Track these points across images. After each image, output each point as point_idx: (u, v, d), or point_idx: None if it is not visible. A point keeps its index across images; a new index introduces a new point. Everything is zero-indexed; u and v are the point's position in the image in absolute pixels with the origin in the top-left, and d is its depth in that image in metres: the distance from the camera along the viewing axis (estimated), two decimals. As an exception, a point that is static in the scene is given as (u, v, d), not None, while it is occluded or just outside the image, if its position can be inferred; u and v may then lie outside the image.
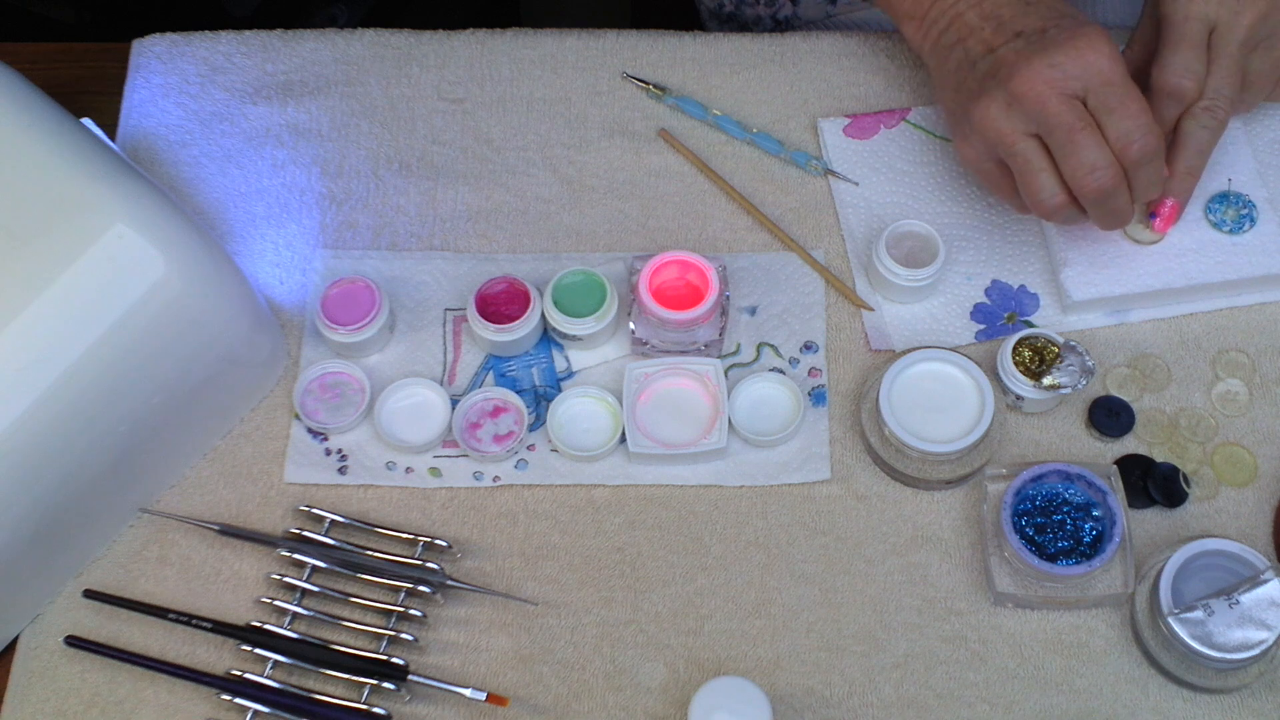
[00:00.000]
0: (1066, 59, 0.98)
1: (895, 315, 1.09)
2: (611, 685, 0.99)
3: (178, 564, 1.03)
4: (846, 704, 0.98)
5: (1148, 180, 1.01)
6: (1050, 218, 1.03)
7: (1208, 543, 0.95)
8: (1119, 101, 0.98)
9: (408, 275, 1.11)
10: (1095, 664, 0.99)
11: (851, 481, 1.04)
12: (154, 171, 1.14)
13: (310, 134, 1.16)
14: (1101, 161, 0.98)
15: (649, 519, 1.04)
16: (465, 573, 1.02)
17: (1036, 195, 1.01)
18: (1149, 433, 1.05)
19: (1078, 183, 0.99)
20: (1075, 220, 1.03)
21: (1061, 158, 0.99)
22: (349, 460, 1.06)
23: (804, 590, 1.01)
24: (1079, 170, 0.99)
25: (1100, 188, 0.99)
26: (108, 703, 0.99)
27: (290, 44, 1.20)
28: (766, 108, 1.17)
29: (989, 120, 1.00)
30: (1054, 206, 1.01)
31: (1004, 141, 1.00)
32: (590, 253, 1.12)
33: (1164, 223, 1.07)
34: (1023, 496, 0.99)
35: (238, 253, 1.12)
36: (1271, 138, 1.13)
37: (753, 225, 1.13)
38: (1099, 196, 1.00)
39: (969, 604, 1.01)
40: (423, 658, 1.00)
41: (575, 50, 1.20)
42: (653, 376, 1.05)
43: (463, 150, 1.16)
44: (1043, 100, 0.98)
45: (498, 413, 1.06)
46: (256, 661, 0.99)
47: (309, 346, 1.09)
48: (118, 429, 0.96)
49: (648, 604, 1.01)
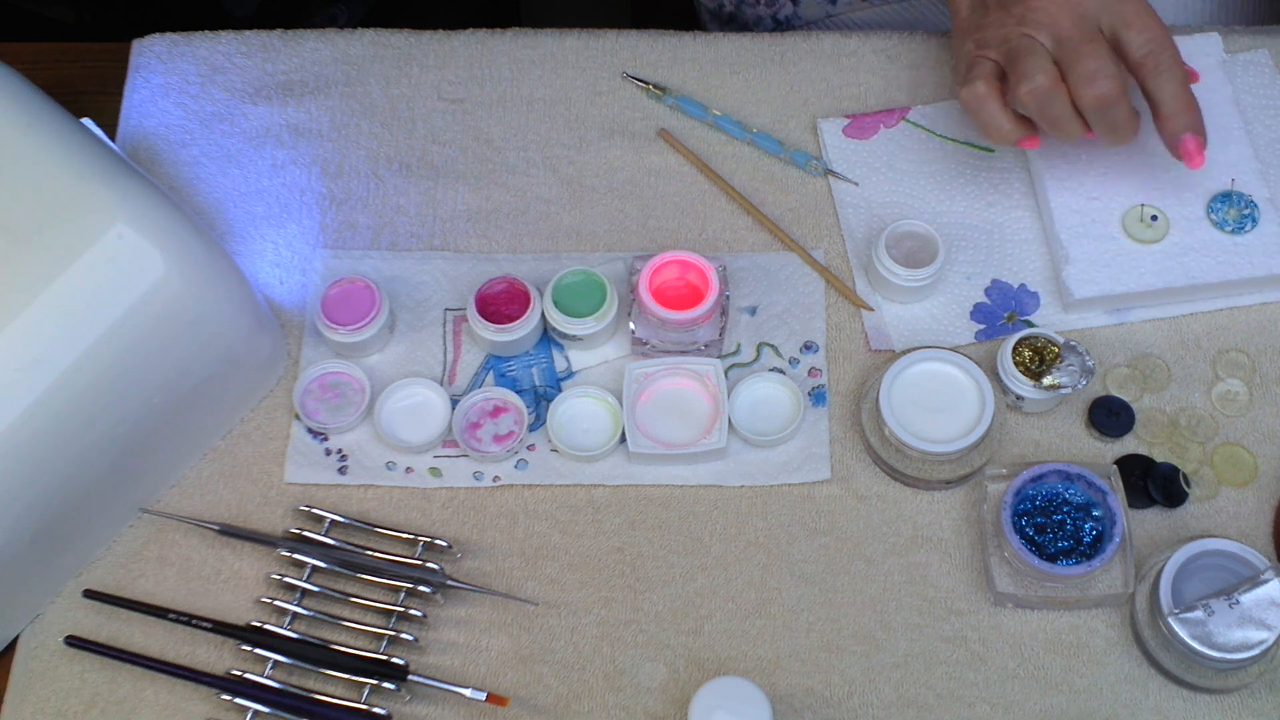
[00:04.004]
0: None
1: (895, 315, 1.09)
2: (611, 685, 0.99)
3: (178, 564, 1.03)
4: (846, 704, 0.98)
5: (1161, 87, 1.02)
6: (1041, 115, 1.02)
7: (1208, 543, 0.95)
8: (1136, 17, 1.01)
9: (408, 275, 1.11)
10: (1095, 664, 0.99)
11: (851, 481, 1.04)
12: (154, 171, 1.14)
13: (310, 134, 1.16)
14: (1106, 71, 1.00)
15: (649, 519, 1.04)
16: (465, 573, 1.02)
17: (1030, 79, 1.00)
18: (1149, 433, 1.05)
19: (1080, 90, 1.00)
20: (1064, 125, 1.02)
21: (1068, 66, 1.01)
22: (349, 460, 1.06)
23: (804, 590, 1.01)
24: (1083, 78, 1.00)
25: (1102, 95, 1.00)
26: (108, 703, 0.99)
27: (290, 44, 1.20)
28: (766, 108, 1.17)
29: (1003, 28, 1.02)
30: (1043, 88, 1.00)
31: (1009, 38, 1.02)
32: (590, 253, 1.12)
33: (1194, 157, 1.03)
34: (1023, 496, 0.99)
35: (238, 253, 1.12)
36: (1273, 137, 1.13)
37: (753, 225, 1.13)
38: (1100, 105, 1.00)
39: (969, 604, 1.01)
40: (423, 658, 1.00)
41: (575, 50, 1.20)
42: (653, 376, 1.05)
43: (463, 150, 1.16)
44: (1054, 17, 1.01)
45: (498, 413, 1.06)
46: (256, 661, 0.99)
47: (309, 346, 1.09)
48: (118, 429, 0.96)
49: (648, 604, 1.01)
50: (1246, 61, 1.16)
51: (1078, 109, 1.02)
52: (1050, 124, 1.03)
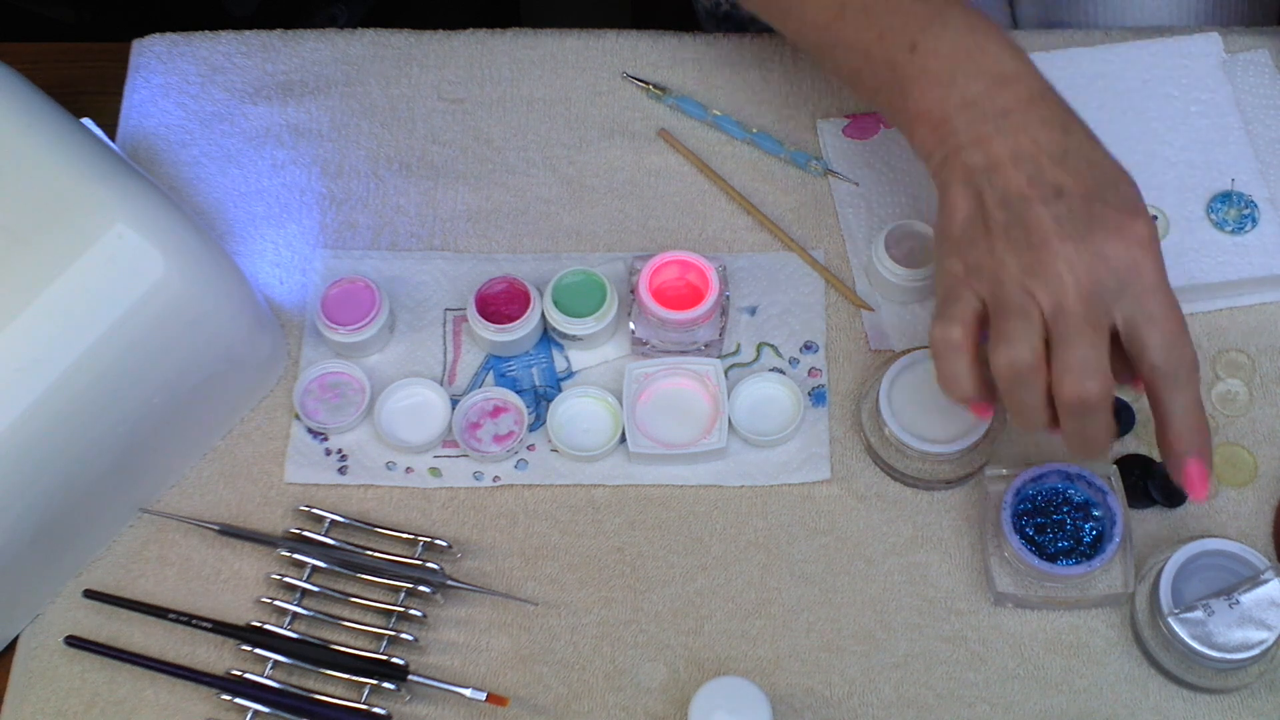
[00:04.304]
0: (1112, 249, 0.86)
1: (895, 315, 1.09)
2: (611, 685, 0.99)
3: (178, 564, 1.03)
4: (846, 704, 0.98)
5: (1174, 400, 0.88)
6: (1009, 393, 0.88)
7: (1208, 543, 0.95)
8: (1163, 315, 0.87)
9: (408, 275, 1.11)
10: (1095, 664, 0.99)
11: (851, 481, 1.04)
12: (154, 171, 1.14)
13: (310, 134, 1.16)
14: (1098, 367, 0.86)
15: (649, 519, 1.04)
16: (465, 573, 1.02)
17: (1012, 346, 0.86)
18: (1149, 433, 1.05)
19: (1061, 379, 0.86)
20: (1030, 415, 0.89)
21: (1057, 346, 0.86)
22: (349, 460, 1.06)
23: (804, 590, 1.01)
24: (1069, 366, 0.86)
25: (1085, 394, 0.86)
26: (108, 703, 0.99)
27: (290, 44, 1.20)
28: (766, 108, 1.17)
29: (1002, 269, 0.87)
30: (1024, 365, 0.86)
31: (1006, 284, 0.87)
32: (590, 253, 1.12)
33: (1197, 487, 0.90)
34: (1023, 496, 0.99)
35: (238, 253, 1.12)
36: (1273, 137, 1.13)
37: (753, 225, 1.13)
38: (1080, 405, 0.86)
39: (969, 604, 1.01)
40: (423, 658, 1.00)
41: (575, 50, 1.20)
42: (653, 376, 1.05)
43: (463, 150, 1.16)
44: (1064, 284, 0.86)
45: (498, 413, 1.06)
46: (256, 661, 0.99)
47: (309, 346, 1.09)
48: (118, 429, 0.96)
49: (648, 604, 1.01)
50: (1246, 61, 1.16)
51: (1051, 401, 0.88)
52: (1015, 408, 0.89)
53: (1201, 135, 1.11)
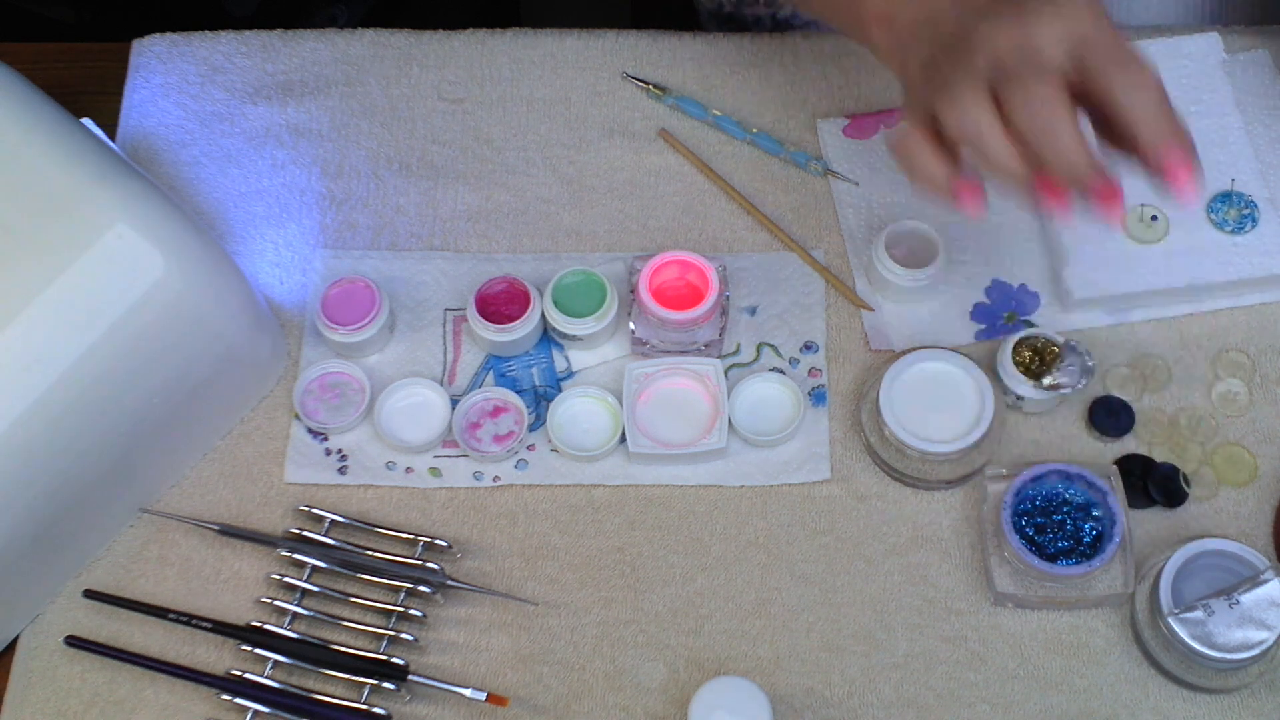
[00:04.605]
0: (1047, 19, 0.83)
1: (895, 315, 1.09)
2: (611, 685, 0.99)
3: (178, 564, 1.03)
4: (846, 704, 0.98)
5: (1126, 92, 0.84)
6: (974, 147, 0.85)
7: (1208, 543, 0.95)
8: (1098, 34, 0.83)
9: (408, 275, 1.11)
10: (1095, 664, 0.99)
11: (851, 481, 1.04)
12: (154, 171, 1.14)
13: (310, 134, 1.16)
14: (1049, 96, 0.82)
15: (649, 519, 1.04)
16: (465, 573, 1.02)
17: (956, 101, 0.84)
18: (1149, 433, 1.05)
19: (1014, 114, 0.83)
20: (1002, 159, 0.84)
21: (1002, 92, 0.83)
22: (349, 460, 1.06)
23: (804, 590, 1.01)
24: (1019, 100, 0.82)
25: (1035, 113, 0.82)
26: (108, 703, 0.99)
27: (290, 44, 1.20)
28: (766, 108, 1.17)
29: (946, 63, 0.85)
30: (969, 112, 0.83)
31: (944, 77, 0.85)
32: (590, 253, 1.12)
33: (1181, 178, 0.84)
34: (1023, 496, 0.99)
35: (238, 253, 1.12)
36: (1273, 137, 1.13)
37: (753, 225, 1.13)
38: (1040, 128, 0.82)
39: (969, 604, 1.01)
40: (423, 658, 1.00)
41: (575, 50, 1.20)
42: (653, 376, 1.05)
43: (463, 150, 1.16)
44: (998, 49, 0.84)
45: (498, 413, 1.06)
46: (256, 661, 0.99)
47: (309, 346, 1.09)
48: (118, 429, 0.96)
49: (648, 604, 1.01)
50: (1246, 61, 1.16)
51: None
52: (987, 162, 0.85)
53: (1201, 135, 1.10)
